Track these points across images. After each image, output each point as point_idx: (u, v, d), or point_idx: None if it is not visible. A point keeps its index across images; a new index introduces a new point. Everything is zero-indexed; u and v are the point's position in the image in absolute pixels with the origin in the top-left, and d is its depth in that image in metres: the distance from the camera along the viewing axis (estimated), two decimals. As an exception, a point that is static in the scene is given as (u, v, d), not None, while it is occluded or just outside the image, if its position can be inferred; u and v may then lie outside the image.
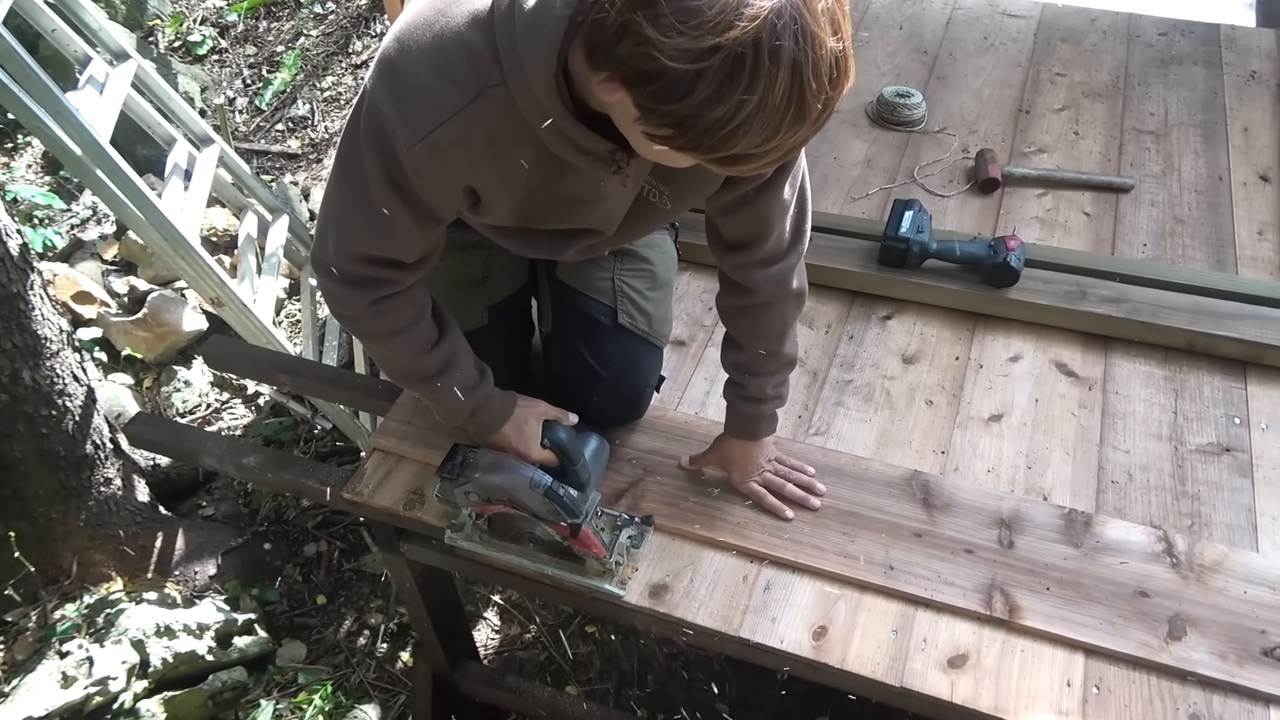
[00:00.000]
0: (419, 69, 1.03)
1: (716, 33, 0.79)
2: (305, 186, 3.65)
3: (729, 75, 0.81)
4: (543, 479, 1.35)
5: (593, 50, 0.89)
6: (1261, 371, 1.74)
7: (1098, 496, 1.56)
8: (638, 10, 0.81)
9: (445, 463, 1.40)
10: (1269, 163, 2.23)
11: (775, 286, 1.37)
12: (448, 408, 1.41)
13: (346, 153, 1.15)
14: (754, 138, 0.86)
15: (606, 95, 0.91)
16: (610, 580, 1.43)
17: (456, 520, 1.49)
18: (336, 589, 2.64)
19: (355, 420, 2.69)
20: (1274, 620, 1.36)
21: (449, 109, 1.04)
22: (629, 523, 1.47)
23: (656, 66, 0.82)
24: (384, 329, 1.31)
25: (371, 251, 1.21)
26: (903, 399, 1.73)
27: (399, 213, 1.15)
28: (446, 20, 1.02)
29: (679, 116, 0.86)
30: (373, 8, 4.20)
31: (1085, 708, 1.29)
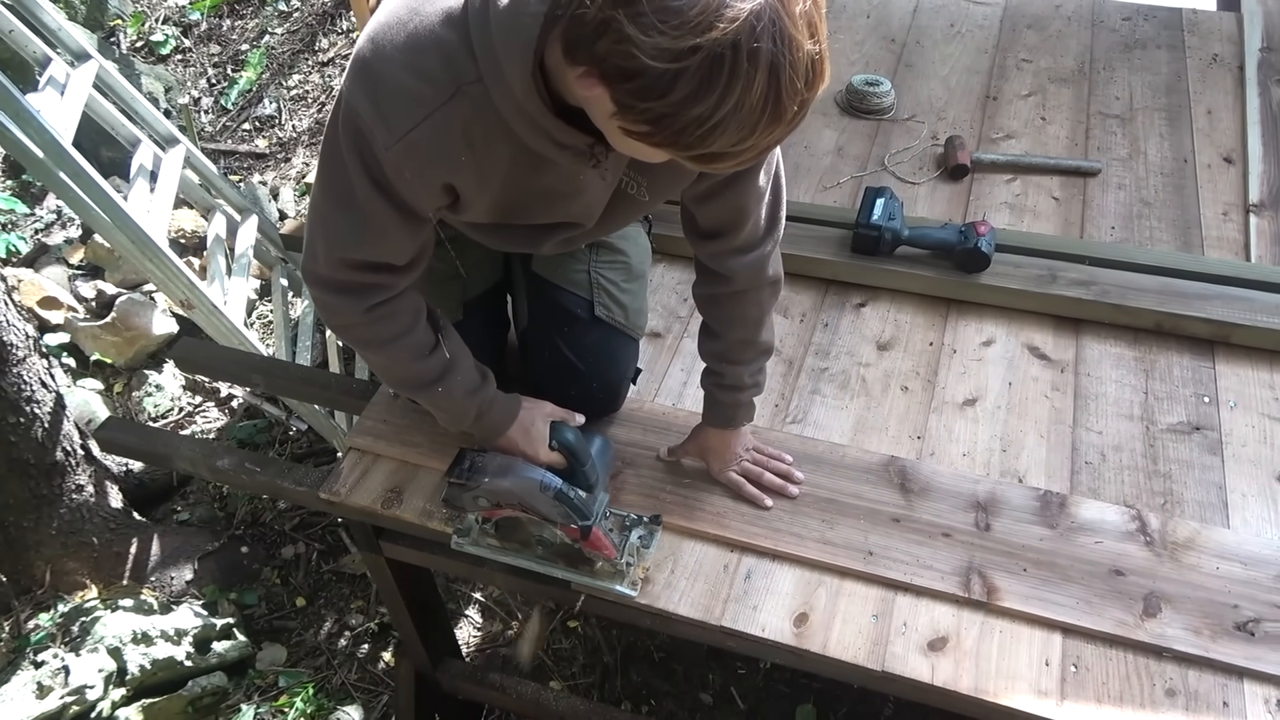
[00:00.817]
0: (394, 68, 1.02)
1: (697, 33, 0.80)
2: (274, 186, 3.62)
3: (707, 75, 0.82)
4: (553, 482, 1.33)
5: (571, 45, 0.89)
6: (1229, 350, 1.76)
7: (1072, 477, 1.57)
8: (619, 8, 0.81)
9: (453, 467, 1.37)
10: (1232, 145, 2.26)
11: (752, 274, 1.38)
12: (452, 413, 1.40)
13: (328, 158, 1.14)
14: (730, 137, 0.87)
15: (584, 90, 0.90)
16: (621, 581, 1.42)
17: (462, 525, 1.48)
18: (316, 591, 2.63)
19: (330, 420, 2.66)
20: (1246, 595, 1.38)
21: (426, 107, 1.03)
22: (638, 522, 1.45)
23: (636, 65, 0.82)
24: (380, 336, 1.29)
25: (361, 256, 1.20)
26: (878, 385, 1.74)
27: (385, 214, 1.14)
28: (420, 19, 1.01)
29: (657, 114, 0.86)
30: (338, 4, 4.16)
31: (1064, 686, 1.31)
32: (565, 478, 1.36)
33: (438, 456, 1.59)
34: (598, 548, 1.38)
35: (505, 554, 1.47)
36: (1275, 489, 1.55)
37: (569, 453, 1.40)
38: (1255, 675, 1.31)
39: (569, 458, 1.40)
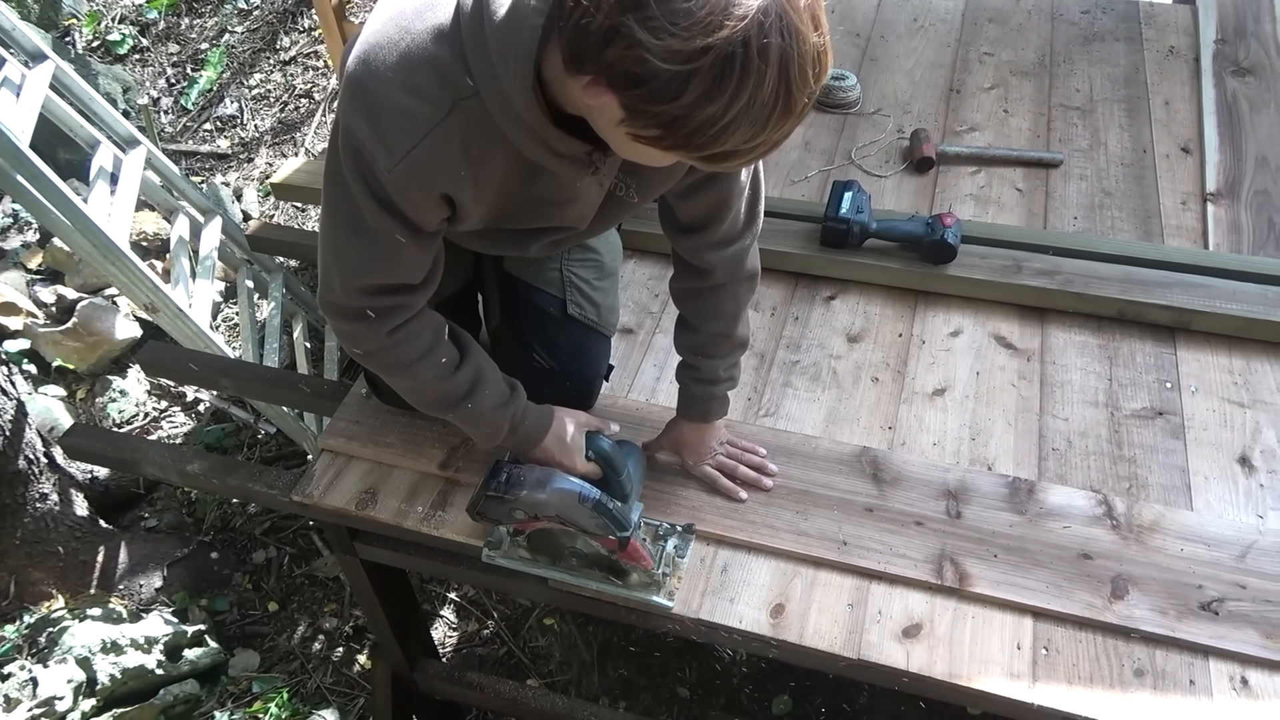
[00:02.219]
0: (389, 88, 1.01)
1: (707, 33, 0.80)
2: (237, 187, 3.57)
3: (720, 75, 0.82)
4: (592, 493, 1.31)
5: (575, 54, 0.89)
6: (1189, 336, 1.80)
7: (1039, 464, 1.60)
8: (627, 13, 0.81)
9: (489, 480, 1.35)
10: (1189, 135, 2.30)
11: (731, 267, 1.38)
12: (484, 428, 1.37)
13: (333, 185, 1.13)
14: (743, 134, 0.87)
15: (590, 99, 0.90)
16: (657, 592, 1.40)
17: (492, 537, 1.46)
18: (288, 595, 2.60)
19: (300, 423, 2.64)
20: (1210, 575, 1.41)
21: (424, 125, 1.03)
22: (671, 531, 1.43)
23: (647, 69, 0.83)
24: (404, 358, 1.27)
25: (379, 280, 1.19)
26: (849, 377, 1.75)
27: (397, 234, 1.13)
28: (411, 37, 1.01)
29: (669, 117, 0.86)
30: (299, 2, 4.12)
31: (1035, 669, 1.33)
32: (601, 487, 1.34)
33: (411, 456, 1.58)
34: (635, 559, 1.36)
35: (538, 566, 1.44)
36: (1236, 471, 1.59)
37: (605, 462, 1.38)
38: (1220, 653, 1.34)
39: (605, 468, 1.38)
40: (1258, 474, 1.58)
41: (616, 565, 1.39)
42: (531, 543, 1.42)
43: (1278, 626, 1.35)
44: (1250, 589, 1.39)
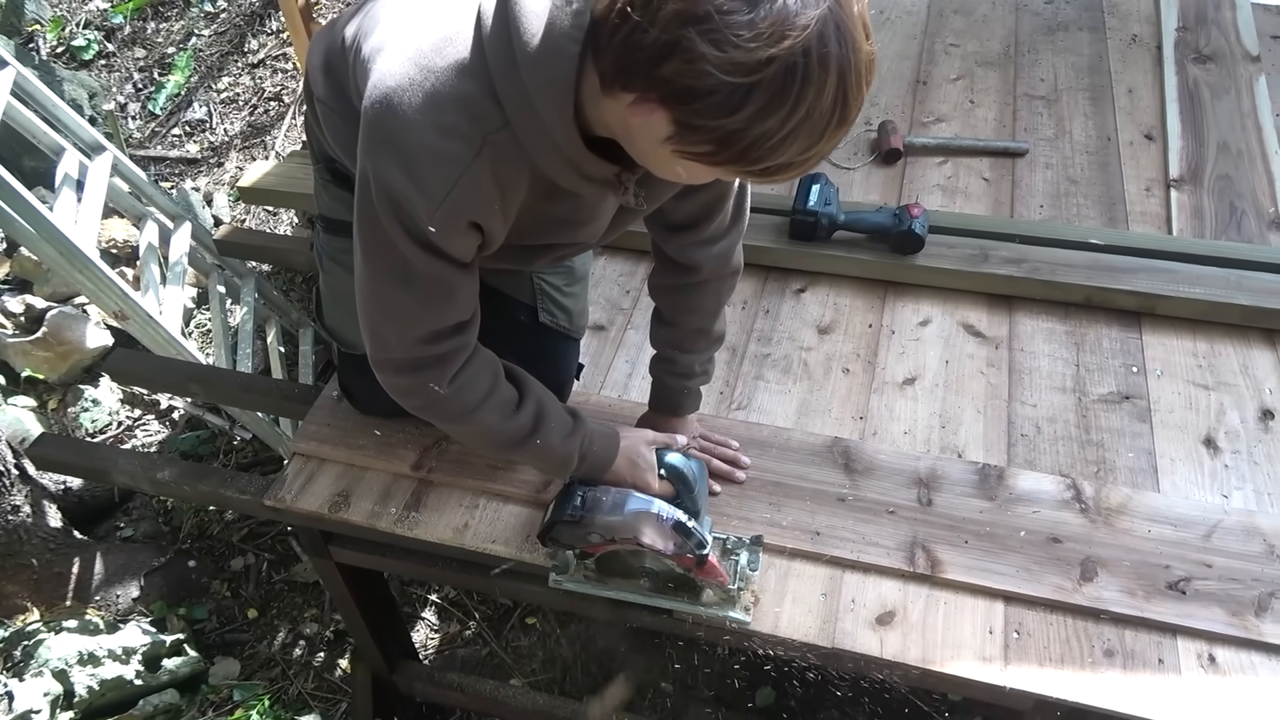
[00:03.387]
0: (420, 132, 0.99)
1: (771, 44, 0.80)
2: (207, 191, 3.54)
3: (782, 86, 0.82)
4: (672, 513, 1.29)
5: (622, 72, 0.88)
6: (1155, 321, 1.82)
7: (1009, 450, 1.62)
8: (688, 26, 0.81)
9: (563, 505, 1.32)
10: (1153, 122, 2.33)
11: (718, 264, 1.38)
12: (554, 461, 1.34)
13: (371, 241, 1.10)
14: (799, 147, 0.87)
15: (636, 117, 0.90)
16: (733, 607, 1.38)
17: (558, 561, 1.42)
18: (268, 602, 2.59)
19: (275, 428, 2.62)
20: (1177, 555, 1.44)
21: (460, 165, 1.01)
22: (740, 544, 1.40)
23: (709, 83, 0.82)
24: (467, 405, 1.23)
25: (436, 326, 1.16)
26: (820, 369, 1.76)
27: (447, 275, 1.12)
28: (434, 75, 0.99)
29: (726, 132, 0.86)
30: (267, 4, 4.08)
31: (1007, 652, 1.35)
32: (674, 504, 1.32)
33: (384, 458, 1.58)
34: (712, 575, 1.33)
35: (609, 589, 1.41)
36: (1201, 452, 1.61)
37: (679, 479, 1.36)
38: (1187, 632, 1.36)
39: (678, 485, 1.36)
40: (1222, 455, 1.61)
41: (691, 583, 1.36)
42: (600, 565, 1.39)
43: (1244, 604, 1.37)
44: (1216, 568, 1.42)
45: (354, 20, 1.23)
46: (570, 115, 0.96)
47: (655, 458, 1.38)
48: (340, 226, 1.43)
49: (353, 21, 1.23)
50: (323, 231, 1.47)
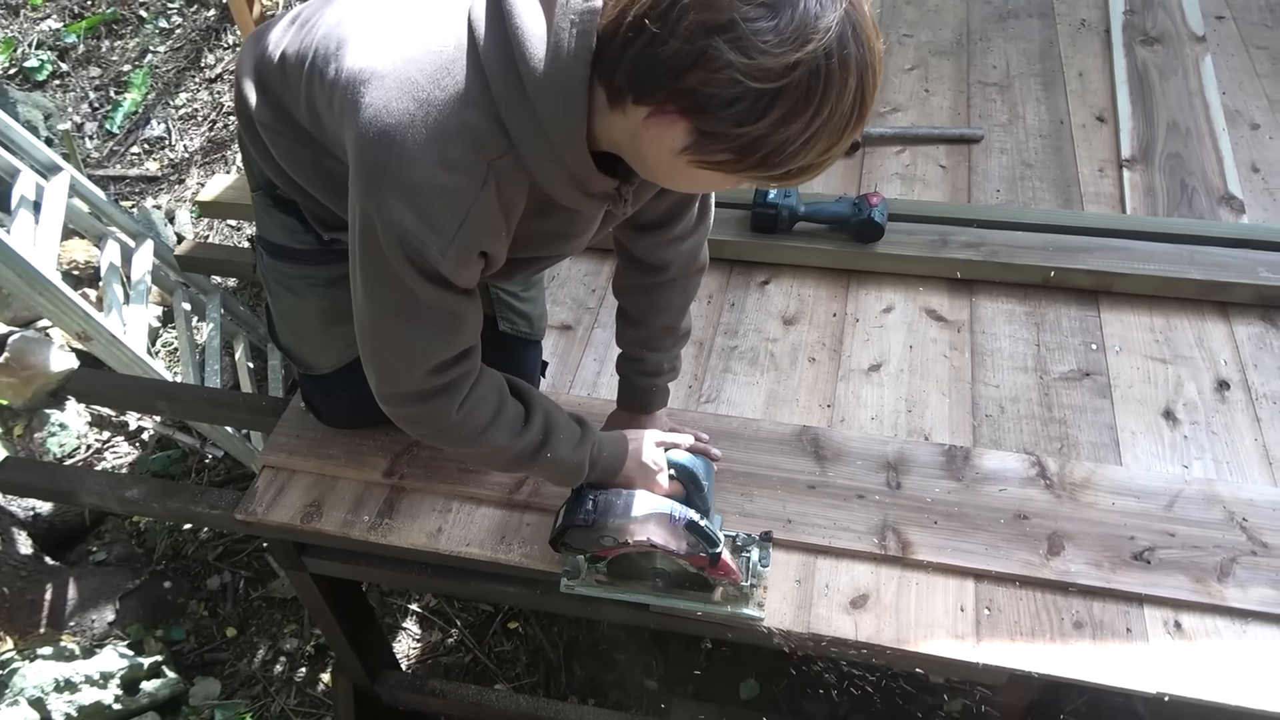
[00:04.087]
0: (427, 168, 0.97)
1: (796, 48, 0.80)
2: (169, 209, 3.51)
3: (807, 90, 0.82)
4: (684, 513, 1.29)
5: (637, 86, 0.88)
6: (1112, 299, 1.86)
7: (974, 431, 1.64)
8: (713, 35, 0.81)
9: (575, 510, 1.31)
10: (1103, 104, 2.37)
11: (685, 262, 1.39)
12: (565, 472, 1.33)
13: (376, 280, 1.08)
14: (820, 148, 0.88)
15: (651, 129, 0.90)
16: (747, 604, 1.38)
17: (569, 566, 1.41)
18: (246, 619, 2.57)
19: (247, 444, 2.61)
20: (1140, 526, 1.46)
21: (469, 198, 1.00)
22: (750, 541, 1.39)
23: (735, 90, 0.82)
24: (475, 427, 1.21)
25: (444, 355, 1.15)
26: (786, 359, 1.78)
27: (454, 305, 1.10)
28: (434, 109, 0.96)
29: (750, 139, 0.86)
30: (222, 19, 4.06)
31: (979, 629, 1.37)
32: (685, 504, 1.32)
33: (354, 466, 1.58)
34: (725, 573, 1.33)
35: (621, 591, 1.41)
36: (1161, 425, 1.64)
37: (689, 479, 1.36)
38: (1153, 600, 1.39)
39: (688, 484, 1.37)
40: (1181, 426, 1.64)
41: (703, 581, 1.36)
42: (612, 568, 1.39)
43: (1206, 571, 1.40)
44: (1179, 536, 1.45)
45: (288, 33, 1.20)
46: (583, 137, 0.96)
47: (664, 458, 1.38)
48: (285, 252, 1.40)
49: (287, 35, 1.20)
50: (266, 255, 1.44)
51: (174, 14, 4.15)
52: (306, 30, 1.16)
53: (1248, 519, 1.47)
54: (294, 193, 1.31)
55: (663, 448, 1.40)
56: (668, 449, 1.40)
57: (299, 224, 1.36)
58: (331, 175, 1.21)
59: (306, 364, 1.54)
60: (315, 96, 1.12)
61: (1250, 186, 2.12)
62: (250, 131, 1.29)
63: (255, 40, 1.28)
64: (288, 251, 1.40)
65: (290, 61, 1.16)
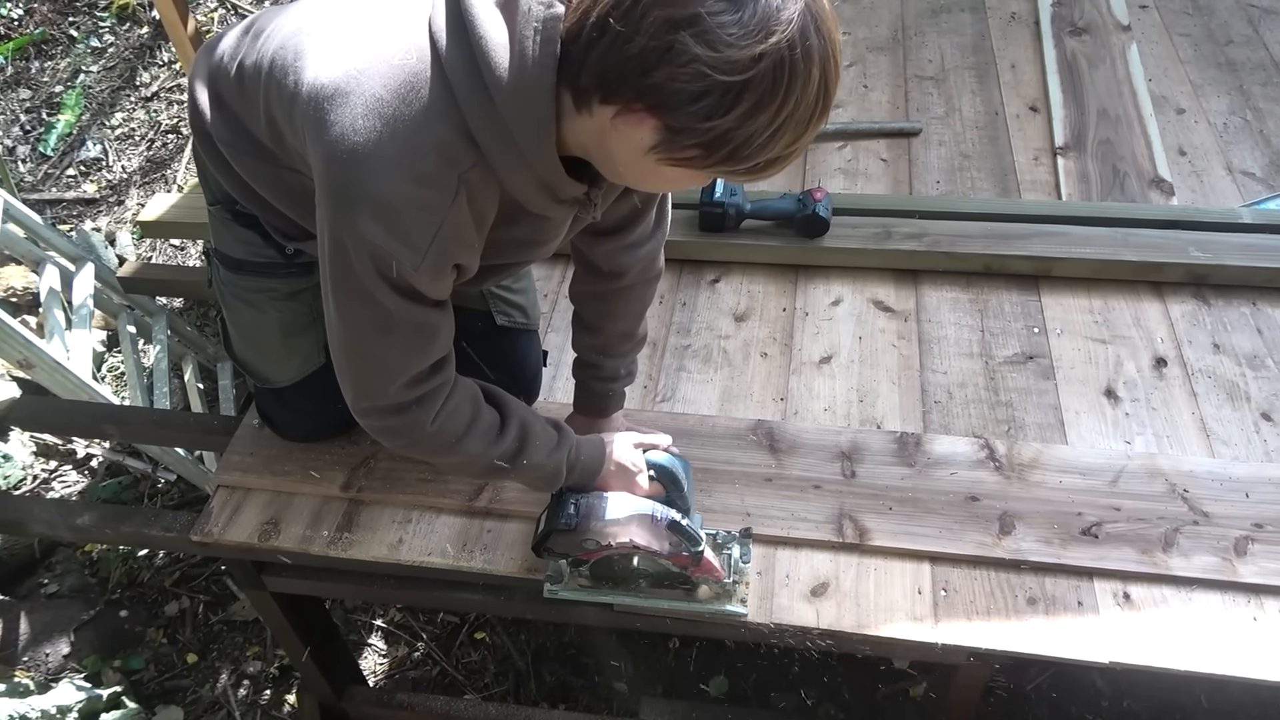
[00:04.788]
0: (396, 184, 0.96)
1: (760, 40, 0.81)
2: (109, 231, 3.44)
3: (773, 80, 0.83)
4: (666, 513, 1.30)
5: (604, 86, 0.88)
6: (1051, 283, 1.91)
7: (924, 417, 1.68)
8: (679, 30, 0.82)
9: (557, 515, 1.31)
10: (1036, 94, 2.44)
11: (643, 267, 1.39)
12: (543, 477, 1.33)
13: (348, 297, 1.07)
14: (786, 140, 0.89)
15: (619, 129, 0.90)
16: (730, 601, 1.39)
17: (551, 571, 1.41)
18: (208, 644, 2.52)
19: (199, 466, 2.56)
20: (1087, 502, 1.51)
21: (440, 212, 0.99)
22: (730, 538, 1.40)
23: (703, 84, 0.83)
24: (451, 436, 1.21)
25: (419, 367, 1.14)
26: (739, 355, 1.80)
27: (427, 318, 1.10)
28: (404, 125, 0.95)
29: (718, 133, 0.87)
30: (156, 36, 3.99)
31: (937, 610, 1.40)
32: (664, 503, 1.33)
33: (311, 482, 1.57)
34: (708, 571, 1.34)
35: (604, 594, 1.41)
36: (1103, 403, 1.69)
37: (668, 480, 1.37)
38: (1102, 573, 1.43)
39: (668, 484, 1.37)
40: (1123, 404, 1.69)
41: (686, 580, 1.37)
42: (594, 571, 1.39)
43: (1152, 542, 1.45)
44: (1124, 510, 1.49)
45: (243, 44, 1.19)
46: (552, 143, 0.96)
47: (642, 459, 1.39)
48: (244, 266, 1.39)
49: (242, 46, 1.19)
50: (223, 269, 1.43)
51: (106, 33, 4.07)
52: (262, 40, 1.14)
53: (1189, 490, 1.52)
54: (255, 207, 1.30)
55: (640, 449, 1.40)
56: (645, 450, 1.40)
57: (259, 238, 1.35)
58: (293, 187, 1.21)
59: (265, 377, 1.53)
60: (274, 109, 1.11)
61: (1178, 169, 2.20)
62: (208, 147, 1.27)
63: (208, 53, 1.26)
64: (247, 265, 1.39)
65: (247, 73, 1.15)
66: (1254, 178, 2.19)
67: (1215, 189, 2.16)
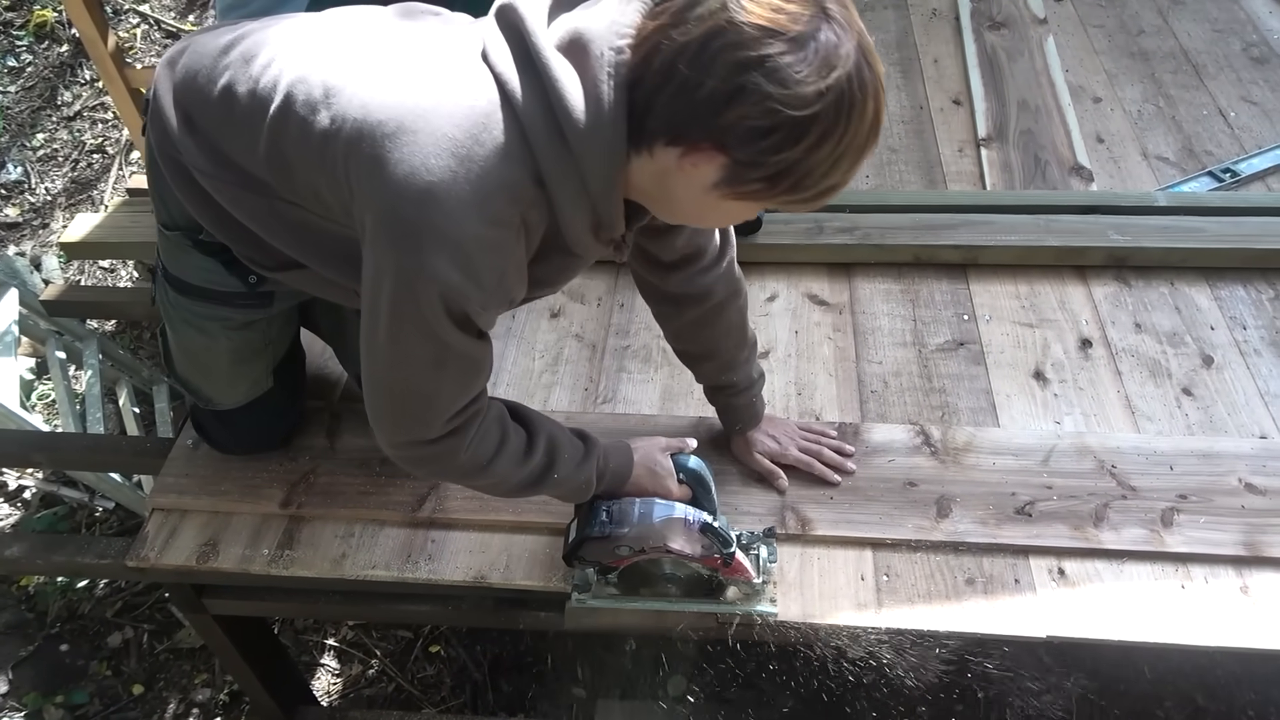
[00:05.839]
0: (473, 225, 0.97)
1: (825, 74, 0.86)
2: (34, 255, 3.35)
3: (836, 112, 0.88)
4: (698, 516, 1.30)
5: (673, 127, 0.92)
6: (978, 270, 1.96)
7: (861, 407, 1.71)
8: (750, 71, 0.86)
9: (589, 522, 1.30)
10: (958, 88, 2.50)
11: (728, 281, 1.41)
12: (574, 488, 1.32)
13: (408, 336, 1.04)
14: (844, 167, 0.93)
15: (684, 168, 0.93)
16: (760, 601, 1.38)
17: (578, 580, 1.39)
18: (153, 674, 2.46)
19: (137, 492, 2.51)
20: (1020, 482, 1.55)
21: (506, 251, 1.02)
22: (755, 539, 1.38)
23: (775, 120, 0.87)
24: (482, 460, 1.20)
25: (466, 398, 1.14)
26: (678, 354, 1.81)
27: (479, 349, 1.11)
28: (475, 165, 0.95)
29: (786, 165, 0.90)
30: (76, 54, 3.89)
31: (880, 595, 1.42)
32: (693, 506, 1.33)
33: (250, 500, 1.54)
34: (738, 573, 1.33)
35: (634, 600, 1.39)
36: (1033, 385, 1.74)
37: (696, 482, 1.37)
38: (1037, 550, 1.47)
39: (696, 487, 1.37)
40: (1051, 385, 1.74)
41: (716, 583, 1.36)
42: (622, 577, 1.37)
43: (1083, 518, 1.49)
44: (1056, 488, 1.53)
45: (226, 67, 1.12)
46: (621, 186, 1.00)
47: (670, 462, 1.39)
48: (199, 292, 1.36)
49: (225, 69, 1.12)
50: (174, 292, 1.39)
51: (23, 51, 3.96)
52: (260, 68, 1.10)
53: (1116, 466, 1.56)
54: (229, 237, 1.26)
55: (668, 452, 1.41)
56: (673, 453, 1.41)
57: (221, 266, 1.32)
58: (288, 220, 1.18)
59: (207, 399, 1.51)
60: (287, 143, 1.07)
61: (1096, 156, 2.27)
62: (177, 173, 1.22)
63: (170, 68, 1.21)
64: (202, 292, 1.36)
65: (241, 101, 1.10)
66: (1168, 162, 2.27)
67: (1132, 174, 2.23)
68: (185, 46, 1.22)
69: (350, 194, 1.02)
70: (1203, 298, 1.90)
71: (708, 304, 1.41)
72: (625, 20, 0.93)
